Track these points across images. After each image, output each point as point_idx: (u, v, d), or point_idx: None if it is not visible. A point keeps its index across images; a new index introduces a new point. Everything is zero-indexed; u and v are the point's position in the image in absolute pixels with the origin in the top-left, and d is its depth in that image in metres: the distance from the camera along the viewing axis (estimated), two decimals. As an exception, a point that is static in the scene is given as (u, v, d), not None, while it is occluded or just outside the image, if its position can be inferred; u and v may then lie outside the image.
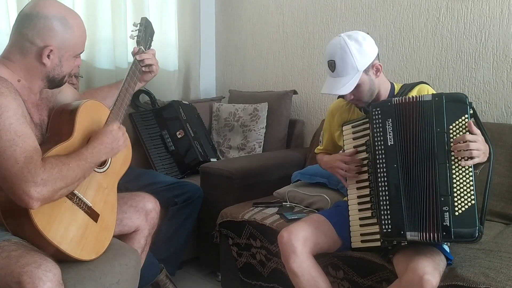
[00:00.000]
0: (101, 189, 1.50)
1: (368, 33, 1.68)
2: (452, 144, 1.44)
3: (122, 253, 1.51)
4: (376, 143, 1.53)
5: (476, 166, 1.45)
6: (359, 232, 1.65)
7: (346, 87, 1.60)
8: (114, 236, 1.54)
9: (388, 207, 1.49)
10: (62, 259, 1.31)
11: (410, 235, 1.45)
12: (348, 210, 1.69)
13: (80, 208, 1.40)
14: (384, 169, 1.51)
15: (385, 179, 1.50)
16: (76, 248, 1.35)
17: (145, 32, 1.73)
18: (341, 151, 1.85)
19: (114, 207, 1.56)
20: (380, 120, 1.53)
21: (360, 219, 1.65)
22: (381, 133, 1.53)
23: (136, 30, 1.72)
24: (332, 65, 1.62)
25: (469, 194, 1.41)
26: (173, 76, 3.22)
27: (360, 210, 1.66)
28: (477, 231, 1.40)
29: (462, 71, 2.36)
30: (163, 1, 3.16)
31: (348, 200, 1.71)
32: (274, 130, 2.95)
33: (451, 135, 1.45)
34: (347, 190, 1.73)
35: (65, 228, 1.34)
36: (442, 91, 2.40)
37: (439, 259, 1.47)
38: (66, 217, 1.35)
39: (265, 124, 2.96)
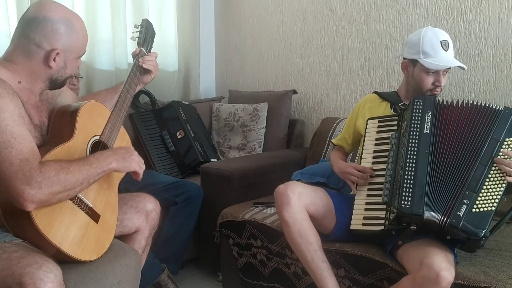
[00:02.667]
0: (102, 190, 1.50)
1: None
2: (500, 154, 1.50)
3: (122, 254, 1.51)
4: (412, 129, 1.61)
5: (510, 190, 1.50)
6: (362, 215, 1.66)
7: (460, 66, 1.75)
8: (114, 237, 1.54)
9: (411, 185, 1.52)
10: (63, 260, 1.31)
11: (427, 214, 1.47)
12: (352, 199, 1.71)
13: (80, 208, 1.40)
14: (415, 152, 1.57)
15: (414, 161, 1.56)
16: (76, 249, 1.35)
17: (146, 33, 1.74)
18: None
19: (115, 208, 1.56)
20: (420, 110, 1.64)
21: (367, 203, 1.67)
22: (419, 122, 1.62)
23: (137, 32, 1.73)
24: (446, 45, 1.71)
25: (493, 200, 1.47)
26: (173, 76, 3.22)
27: (368, 195, 1.68)
28: (482, 233, 1.42)
29: (461, 70, 2.35)
30: (163, 2, 3.16)
31: (356, 186, 1.73)
32: (274, 130, 2.95)
33: (503, 146, 1.52)
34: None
35: (66, 229, 1.34)
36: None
37: (450, 254, 1.48)
38: (67, 217, 1.35)
39: (265, 124, 2.96)
